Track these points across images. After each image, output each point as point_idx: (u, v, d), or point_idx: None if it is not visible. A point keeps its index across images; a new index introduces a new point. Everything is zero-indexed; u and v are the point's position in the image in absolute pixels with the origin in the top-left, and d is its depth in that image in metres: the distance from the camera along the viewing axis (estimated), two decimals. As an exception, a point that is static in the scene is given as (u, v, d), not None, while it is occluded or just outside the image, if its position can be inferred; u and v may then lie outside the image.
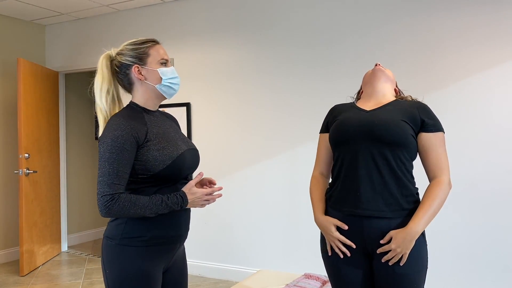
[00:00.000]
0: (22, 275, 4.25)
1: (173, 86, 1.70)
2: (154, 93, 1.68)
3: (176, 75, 1.70)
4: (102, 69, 1.65)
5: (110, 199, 1.49)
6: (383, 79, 1.83)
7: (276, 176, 3.86)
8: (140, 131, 1.57)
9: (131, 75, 1.65)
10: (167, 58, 1.69)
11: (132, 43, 1.67)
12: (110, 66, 1.67)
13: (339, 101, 3.57)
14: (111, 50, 1.69)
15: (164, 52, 1.69)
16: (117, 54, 1.66)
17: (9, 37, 4.85)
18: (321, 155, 1.90)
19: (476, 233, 3.15)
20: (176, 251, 1.71)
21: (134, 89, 1.68)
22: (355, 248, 1.69)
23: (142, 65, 1.64)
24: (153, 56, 1.65)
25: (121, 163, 1.50)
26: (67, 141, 5.30)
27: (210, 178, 1.77)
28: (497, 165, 3.09)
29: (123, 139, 1.51)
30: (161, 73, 1.65)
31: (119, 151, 1.50)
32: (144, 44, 1.66)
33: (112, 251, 1.58)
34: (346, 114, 1.79)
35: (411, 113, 1.69)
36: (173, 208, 1.58)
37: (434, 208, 1.62)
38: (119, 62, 1.65)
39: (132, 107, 1.66)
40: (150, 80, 1.65)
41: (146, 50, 1.65)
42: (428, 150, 1.68)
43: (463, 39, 3.19)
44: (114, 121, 1.55)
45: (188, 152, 1.67)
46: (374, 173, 1.65)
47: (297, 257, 3.77)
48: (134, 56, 1.64)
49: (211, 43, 4.17)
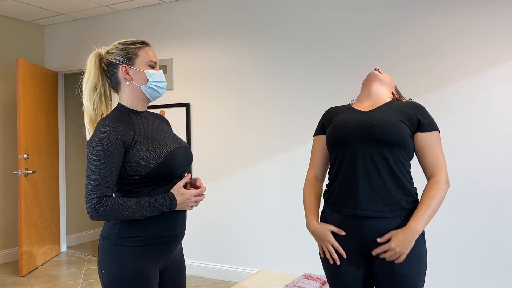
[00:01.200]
0: (21, 275, 4.24)
1: (158, 89, 1.70)
2: (139, 94, 1.68)
3: (163, 79, 1.70)
4: (90, 66, 1.67)
5: (97, 202, 1.49)
6: (377, 82, 1.84)
7: (276, 176, 3.86)
8: (127, 133, 1.57)
9: (118, 74, 1.66)
10: (156, 61, 1.70)
11: (122, 43, 1.68)
12: (99, 64, 1.68)
13: (338, 102, 3.57)
14: (101, 49, 1.70)
15: (153, 54, 1.70)
16: (107, 53, 1.67)
17: (8, 38, 4.84)
18: (316, 158, 1.89)
19: (475, 233, 3.15)
20: (172, 251, 1.71)
21: (121, 89, 1.68)
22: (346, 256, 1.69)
23: (129, 65, 1.65)
24: (141, 57, 1.66)
25: (107, 166, 1.51)
26: (66, 142, 5.30)
27: (196, 177, 1.76)
28: (497, 165, 3.09)
29: (109, 142, 1.51)
30: (148, 75, 1.66)
31: (105, 154, 1.50)
32: (134, 44, 1.67)
33: (108, 251, 1.58)
34: (343, 116, 1.79)
35: (408, 113, 1.70)
36: (162, 210, 1.58)
37: (433, 207, 1.63)
38: (108, 60, 1.66)
39: (119, 110, 1.66)
40: (136, 80, 1.66)
41: (135, 51, 1.65)
42: (424, 149, 1.69)
43: (463, 39, 3.19)
44: (101, 125, 1.56)
45: (179, 149, 1.67)
46: (372, 174, 1.65)
47: (297, 258, 3.77)
48: (122, 55, 1.65)
49: (210, 43, 4.17)
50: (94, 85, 1.66)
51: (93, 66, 1.67)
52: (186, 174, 1.67)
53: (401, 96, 1.93)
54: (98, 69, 1.67)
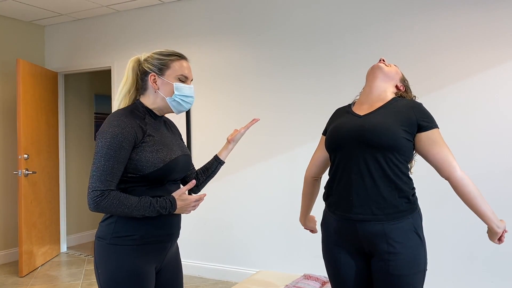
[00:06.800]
0: (21, 276, 4.25)
1: (184, 103, 1.71)
2: (163, 104, 1.70)
3: (191, 94, 1.71)
4: (128, 71, 1.71)
5: (100, 195, 1.51)
6: (380, 78, 1.81)
7: (276, 176, 3.86)
8: (139, 131, 1.59)
9: (148, 82, 1.69)
10: (188, 76, 1.71)
11: (159, 52, 1.70)
12: (136, 70, 1.71)
13: (338, 102, 3.58)
14: (142, 55, 1.73)
15: (187, 69, 1.70)
16: (144, 60, 1.71)
17: (8, 38, 4.85)
18: (316, 156, 1.97)
19: (475, 233, 3.15)
20: (168, 251, 1.72)
21: (146, 94, 1.71)
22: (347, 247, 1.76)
23: (159, 75, 1.67)
24: (173, 69, 1.67)
25: (117, 161, 1.52)
26: (66, 142, 5.30)
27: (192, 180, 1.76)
28: (498, 165, 3.09)
29: (123, 137, 1.53)
30: (176, 87, 1.67)
31: (117, 149, 1.52)
32: (169, 56, 1.69)
33: (103, 251, 1.59)
34: (340, 120, 1.83)
35: (406, 115, 1.69)
36: (160, 212, 1.59)
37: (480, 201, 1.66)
38: (143, 68, 1.70)
39: (137, 106, 1.69)
40: (163, 91, 1.67)
41: (168, 62, 1.68)
42: (429, 148, 1.68)
43: (463, 39, 3.19)
44: (115, 117, 1.58)
45: (182, 157, 1.70)
46: (366, 178, 1.67)
47: (297, 258, 3.77)
48: (155, 65, 1.67)
49: (210, 44, 4.17)
50: (129, 90, 1.71)
51: (131, 71, 1.71)
52: (191, 181, 1.69)
53: (407, 88, 1.89)
54: (135, 75, 1.71)
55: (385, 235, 1.64)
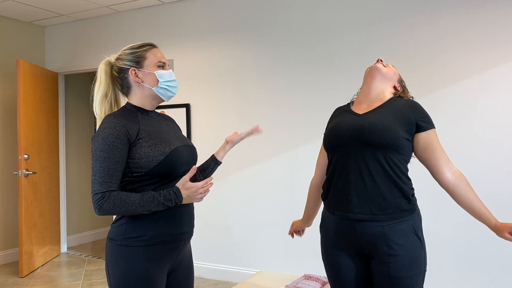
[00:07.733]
0: (21, 276, 4.25)
1: (171, 88, 1.70)
2: (151, 95, 1.69)
3: (173, 78, 1.71)
4: (100, 74, 1.69)
5: (101, 198, 1.50)
6: (378, 78, 1.81)
7: (276, 176, 3.86)
8: (132, 129, 1.58)
9: (129, 79, 1.67)
10: (165, 61, 1.71)
11: (130, 47, 1.69)
12: (110, 72, 1.70)
13: (339, 101, 3.57)
14: (111, 56, 1.72)
15: (161, 55, 1.71)
16: (116, 59, 1.69)
17: (8, 38, 4.85)
18: (320, 161, 1.96)
19: (475, 233, 3.15)
20: (180, 250, 1.69)
21: (131, 92, 1.69)
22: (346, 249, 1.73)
23: (138, 68, 1.66)
24: (150, 59, 1.67)
25: (112, 161, 1.51)
26: (66, 142, 5.30)
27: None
28: (497, 165, 3.09)
29: (114, 137, 1.52)
30: (158, 75, 1.67)
31: (109, 149, 1.51)
32: (141, 47, 1.68)
33: (114, 252, 1.58)
34: (339, 119, 1.82)
35: (405, 115, 1.69)
36: (167, 205, 1.56)
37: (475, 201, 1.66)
38: (118, 67, 1.68)
39: (127, 108, 1.68)
40: (147, 82, 1.67)
41: (143, 54, 1.67)
42: (426, 148, 1.69)
43: (463, 39, 3.19)
44: (106, 121, 1.57)
45: (183, 148, 1.67)
46: (366, 177, 1.65)
47: (297, 258, 3.77)
48: (131, 59, 1.66)
49: (210, 44, 4.17)
50: (105, 93, 1.68)
51: (104, 74, 1.69)
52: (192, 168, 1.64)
53: (405, 89, 1.89)
54: (108, 77, 1.69)
55: (385, 237, 1.63)
